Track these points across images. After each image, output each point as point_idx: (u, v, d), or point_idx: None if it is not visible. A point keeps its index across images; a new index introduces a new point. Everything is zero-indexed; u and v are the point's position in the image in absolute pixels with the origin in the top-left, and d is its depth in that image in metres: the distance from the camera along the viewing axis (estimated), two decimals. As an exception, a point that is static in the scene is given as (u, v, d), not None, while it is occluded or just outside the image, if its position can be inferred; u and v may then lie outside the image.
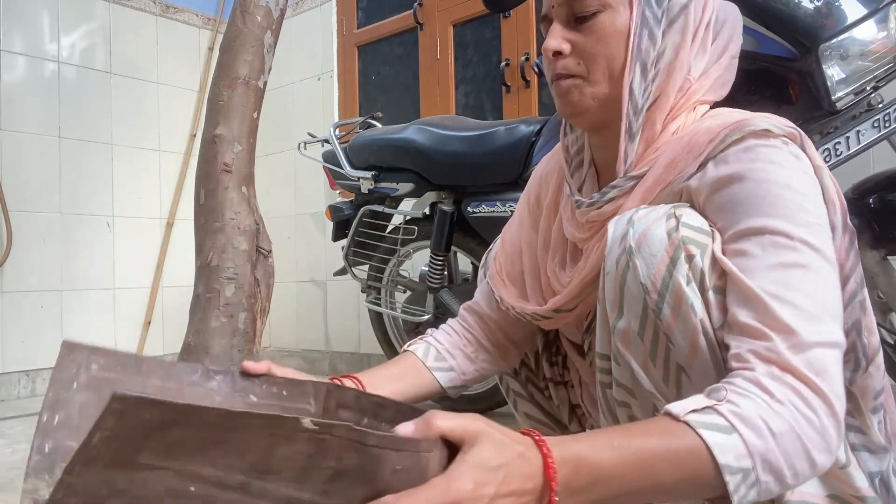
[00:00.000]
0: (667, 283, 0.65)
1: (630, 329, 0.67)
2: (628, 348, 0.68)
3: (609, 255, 0.69)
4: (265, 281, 1.09)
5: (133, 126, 3.15)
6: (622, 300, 0.68)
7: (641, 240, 0.66)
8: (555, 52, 0.77)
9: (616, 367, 0.71)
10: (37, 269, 2.81)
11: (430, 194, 2.05)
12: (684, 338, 0.65)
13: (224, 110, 1.10)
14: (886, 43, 1.27)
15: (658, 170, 0.74)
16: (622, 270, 0.67)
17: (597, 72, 0.77)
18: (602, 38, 0.76)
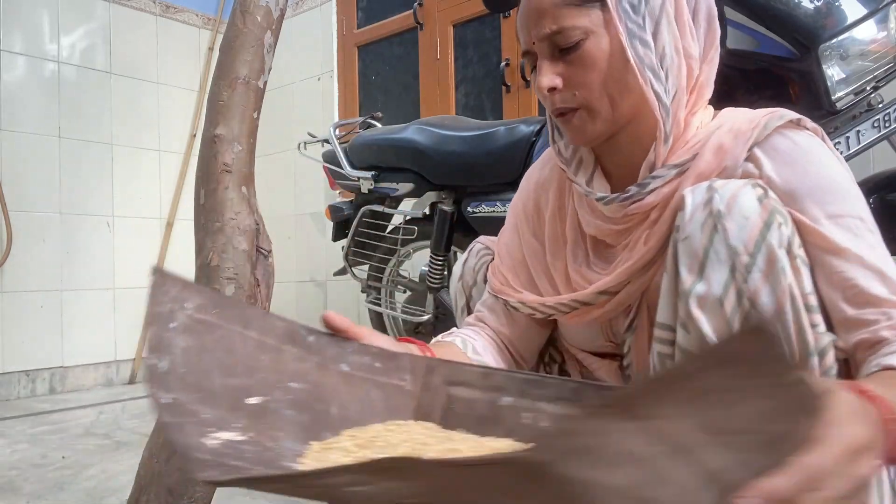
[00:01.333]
0: (759, 246, 0.66)
1: (710, 293, 0.67)
2: (704, 312, 0.68)
3: (690, 221, 0.69)
4: (265, 281, 1.09)
5: (133, 126, 3.15)
6: (705, 264, 0.68)
7: (732, 203, 0.67)
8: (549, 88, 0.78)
9: (683, 334, 0.70)
10: (37, 269, 2.81)
11: (430, 194, 2.05)
12: (771, 301, 0.66)
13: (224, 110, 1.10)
14: (886, 43, 1.27)
15: (708, 155, 0.76)
16: (708, 234, 0.68)
17: (595, 98, 0.78)
18: (591, 64, 0.77)
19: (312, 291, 3.22)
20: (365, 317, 2.88)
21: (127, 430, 2.10)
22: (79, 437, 2.03)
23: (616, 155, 0.84)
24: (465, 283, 1.06)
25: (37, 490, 1.49)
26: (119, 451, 1.83)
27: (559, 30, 0.76)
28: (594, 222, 0.85)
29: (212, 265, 1.04)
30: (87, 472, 1.62)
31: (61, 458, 1.77)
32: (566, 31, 0.76)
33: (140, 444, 1.84)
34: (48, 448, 1.88)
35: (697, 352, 0.50)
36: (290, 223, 3.33)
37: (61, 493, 1.46)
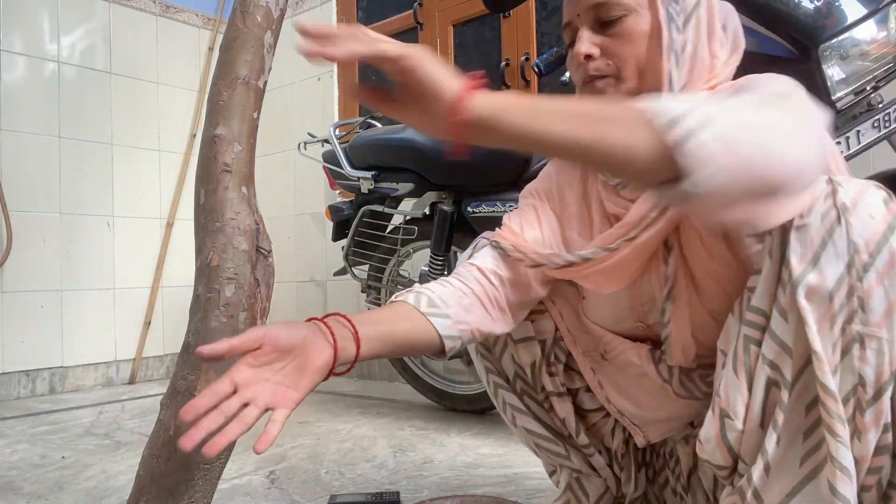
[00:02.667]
0: (881, 247, 0.65)
1: (822, 285, 0.66)
2: (811, 303, 0.66)
3: (810, 210, 0.67)
4: (265, 281, 1.09)
5: (133, 126, 3.15)
6: (821, 255, 0.66)
7: (858, 199, 0.66)
8: (586, 55, 0.83)
9: (780, 322, 0.69)
10: (37, 269, 2.81)
11: (430, 194, 2.05)
12: (882, 304, 0.64)
13: (224, 110, 1.10)
14: (886, 43, 1.27)
15: None
16: (829, 225, 0.66)
17: (627, 69, 0.83)
18: (630, 39, 0.82)
19: (312, 291, 3.22)
20: (365, 317, 2.88)
21: (127, 430, 2.10)
22: (79, 437, 2.03)
23: None
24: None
25: (37, 490, 1.49)
26: (119, 451, 1.83)
27: (604, 2, 0.82)
28: (619, 201, 0.88)
29: (212, 265, 1.04)
30: (87, 472, 1.62)
31: (61, 458, 1.77)
32: (611, 5, 0.82)
33: (140, 444, 1.84)
34: (48, 448, 1.88)
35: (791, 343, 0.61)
36: (290, 223, 3.33)
37: (61, 493, 1.46)
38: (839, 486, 0.65)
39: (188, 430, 0.65)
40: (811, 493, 0.67)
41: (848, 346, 0.66)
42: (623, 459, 1.05)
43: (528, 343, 1.02)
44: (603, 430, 1.05)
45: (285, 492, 1.42)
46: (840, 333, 0.66)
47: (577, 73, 0.86)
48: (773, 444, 0.69)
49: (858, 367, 0.65)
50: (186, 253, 3.22)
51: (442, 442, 1.80)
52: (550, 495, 1.27)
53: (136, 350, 3.13)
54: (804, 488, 0.68)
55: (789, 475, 0.69)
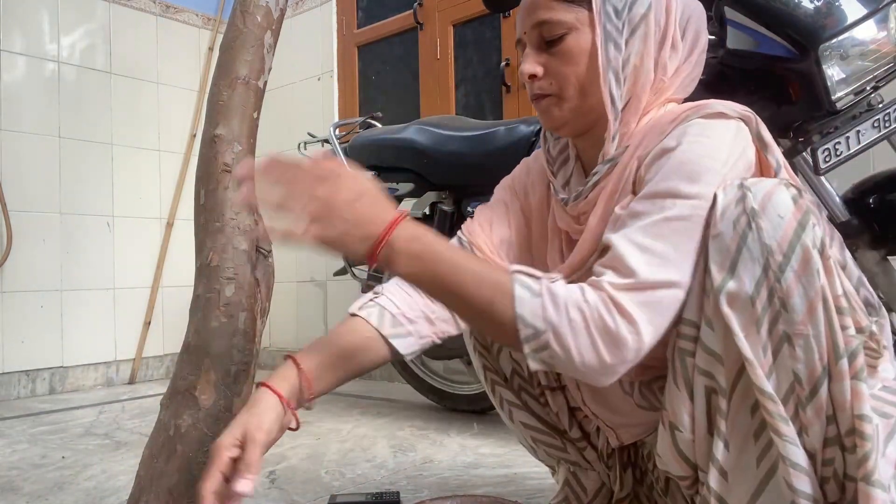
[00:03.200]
0: (794, 246, 0.66)
1: (742, 291, 0.67)
2: (734, 310, 0.68)
3: (722, 217, 0.69)
4: (265, 281, 1.09)
5: (133, 126, 3.15)
6: (737, 261, 0.68)
7: (766, 202, 0.67)
8: (530, 75, 0.85)
9: (708, 332, 0.70)
10: (37, 269, 2.81)
11: (430, 194, 2.05)
12: (803, 302, 0.66)
13: (224, 110, 1.10)
14: (886, 43, 1.27)
15: (631, 150, 0.82)
16: (741, 231, 0.67)
17: (568, 89, 0.84)
18: (570, 58, 0.83)
19: (312, 291, 3.22)
20: (365, 317, 2.88)
21: (127, 430, 2.10)
22: (79, 437, 2.03)
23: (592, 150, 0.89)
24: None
25: (37, 490, 1.49)
26: (119, 451, 1.83)
27: (546, 21, 0.83)
28: (564, 217, 0.91)
29: (212, 265, 1.04)
30: (87, 472, 1.62)
31: (61, 458, 1.77)
32: (552, 24, 0.83)
33: (140, 444, 1.84)
34: (48, 448, 1.88)
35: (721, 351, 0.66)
36: (290, 223, 3.32)
37: (61, 493, 1.46)
38: (795, 482, 0.66)
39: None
40: (772, 492, 0.69)
41: (777, 346, 0.67)
42: (610, 459, 1.05)
43: None
44: (589, 428, 1.06)
45: (285, 492, 1.42)
46: (768, 336, 0.67)
47: (528, 90, 0.88)
48: (721, 449, 0.71)
49: (791, 366, 0.67)
50: (186, 253, 3.22)
51: (442, 442, 1.80)
52: (550, 495, 1.27)
53: (136, 350, 3.13)
54: (766, 487, 0.69)
55: (749, 478, 0.70)
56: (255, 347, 1.06)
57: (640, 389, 0.91)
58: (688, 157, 0.73)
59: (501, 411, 1.09)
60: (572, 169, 0.91)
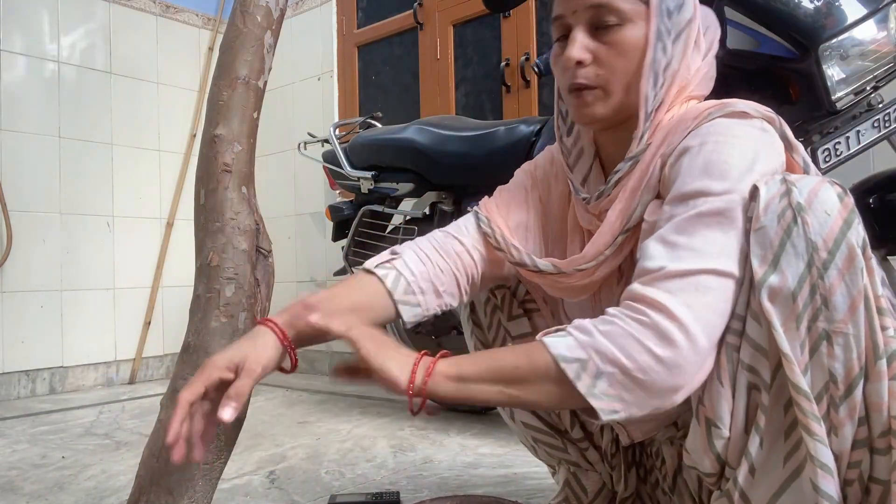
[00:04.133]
0: (839, 243, 0.65)
1: (784, 286, 0.66)
2: (775, 305, 0.66)
3: (766, 211, 0.68)
4: (265, 281, 1.09)
5: (133, 126, 3.15)
6: (780, 256, 0.66)
7: (812, 198, 0.66)
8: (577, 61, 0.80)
9: (754, 326, 0.69)
10: (37, 269, 2.81)
11: (430, 194, 2.04)
12: (845, 301, 0.65)
13: (224, 110, 1.10)
14: (886, 43, 1.27)
15: (654, 147, 0.80)
16: (786, 225, 0.66)
17: (615, 83, 0.80)
18: (623, 51, 0.79)
19: (312, 291, 3.22)
20: (365, 317, 2.88)
21: (127, 430, 2.10)
22: (79, 437, 2.03)
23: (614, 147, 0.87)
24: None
25: (37, 490, 1.49)
26: (119, 451, 1.83)
27: (605, 5, 0.79)
28: (585, 216, 0.90)
29: (212, 265, 1.04)
30: (87, 472, 1.62)
31: (61, 458, 1.77)
32: (612, 10, 0.79)
33: (140, 444, 1.84)
34: (48, 448, 1.88)
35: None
36: (290, 223, 3.33)
37: (61, 493, 1.46)
38: (821, 483, 0.65)
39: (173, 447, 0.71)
40: (796, 491, 0.68)
41: (816, 344, 0.66)
42: (613, 458, 1.05)
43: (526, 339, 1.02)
44: (592, 428, 1.06)
45: (285, 492, 1.42)
46: (806, 332, 0.66)
47: (564, 76, 0.83)
48: (756, 446, 0.70)
49: (828, 364, 0.66)
50: (186, 253, 3.22)
51: (442, 442, 1.80)
52: (550, 495, 1.27)
53: (136, 350, 3.13)
54: (789, 487, 0.69)
55: (774, 475, 0.69)
56: (255, 347, 1.06)
57: None
58: (714, 156, 0.72)
59: (502, 411, 1.08)
60: (590, 165, 0.90)
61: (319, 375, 3.17)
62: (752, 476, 0.70)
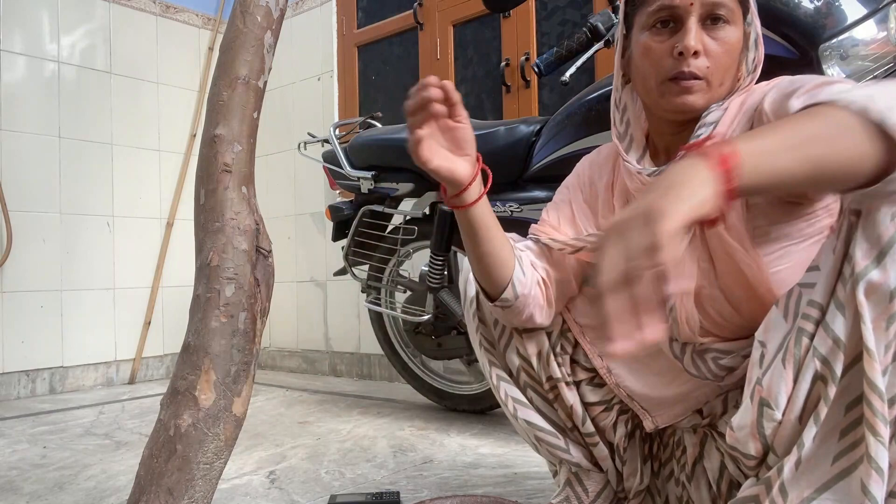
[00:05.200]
0: None
1: (884, 283, 0.64)
2: (869, 300, 0.65)
3: (879, 207, 0.66)
4: (265, 281, 1.09)
5: (133, 126, 3.15)
6: (887, 252, 0.64)
7: None
8: (695, 50, 0.83)
9: (836, 316, 0.68)
10: (37, 269, 2.81)
11: (430, 194, 2.05)
12: None
13: (224, 110, 1.10)
14: (886, 43, 1.27)
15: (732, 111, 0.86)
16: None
17: (716, 78, 0.85)
18: (729, 47, 0.84)
19: (312, 291, 3.22)
20: (365, 317, 2.88)
21: (127, 430, 2.10)
22: (79, 437, 2.03)
23: (672, 137, 0.92)
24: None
25: (37, 490, 1.49)
26: (119, 451, 1.83)
27: (722, 3, 0.83)
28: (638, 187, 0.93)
29: (212, 265, 1.04)
30: (87, 472, 1.62)
31: (61, 458, 1.77)
32: (727, 7, 0.83)
33: (140, 444, 1.84)
34: (48, 448, 1.88)
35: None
36: (290, 223, 3.33)
37: (61, 493, 1.46)
38: (872, 486, 0.64)
39: None
40: (841, 490, 0.67)
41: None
42: (626, 453, 1.05)
43: (535, 333, 1.04)
44: (603, 424, 1.05)
45: (285, 492, 1.42)
46: (895, 335, 0.65)
47: (664, 64, 0.85)
48: (810, 437, 0.69)
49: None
50: (186, 253, 3.22)
51: (442, 442, 1.80)
52: (550, 495, 1.27)
53: (136, 350, 3.13)
54: (834, 486, 0.68)
55: (819, 472, 0.68)
56: (255, 347, 1.06)
57: (693, 356, 0.90)
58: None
59: (506, 408, 1.08)
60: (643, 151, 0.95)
61: (319, 375, 3.17)
62: (797, 468, 0.69)
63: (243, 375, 1.03)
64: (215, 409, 1.00)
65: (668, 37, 0.85)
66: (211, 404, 1.00)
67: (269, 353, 3.42)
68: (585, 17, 2.09)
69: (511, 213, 1.76)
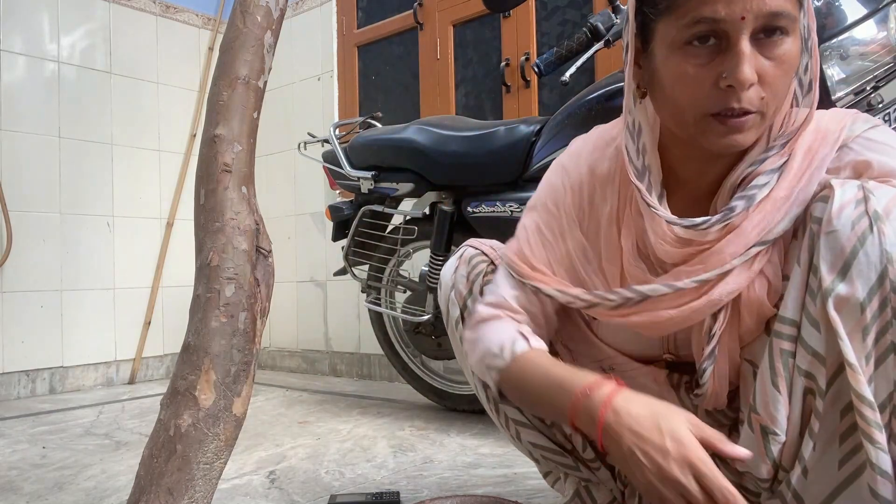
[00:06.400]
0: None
1: (853, 296, 0.63)
2: (841, 314, 0.64)
3: (839, 215, 0.64)
4: (265, 281, 1.09)
5: (133, 126, 3.15)
6: (851, 264, 0.63)
7: (892, 207, 0.63)
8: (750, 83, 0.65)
9: (811, 332, 0.67)
10: (37, 269, 2.81)
11: (430, 194, 2.05)
12: None
13: (224, 110, 1.10)
14: (886, 43, 1.27)
15: (798, 160, 0.72)
16: (860, 233, 0.63)
17: (773, 106, 0.69)
18: (789, 69, 0.68)
19: (312, 291, 3.22)
20: (365, 317, 2.88)
21: (127, 430, 2.10)
22: (79, 437, 2.03)
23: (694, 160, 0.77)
24: (458, 293, 0.95)
25: (37, 490, 1.49)
26: (119, 451, 1.83)
27: (780, 13, 0.64)
28: (663, 248, 0.77)
29: (212, 265, 1.04)
30: (87, 472, 1.62)
31: (61, 458, 1.77)
32: (786, 19, 0.65)
33: (140, 444, 1.84)
34: (48, 448, 1.88)
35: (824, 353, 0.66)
36: (290, 223, 3.33)
37: (61, 493, 1.46)
38: (881, 489, 0.64)
39: None
40: (852, 495, 0.67)
41: (883, 356, 0.64)
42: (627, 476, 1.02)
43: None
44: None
45: (285, 492, 1.42)
46: (874, 344, 0.64)
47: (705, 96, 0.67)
48: (809, 449, 0.69)
49: (894, 377, 0.64)
50: (186, 253, 3.22)
51: (442, 442, 1.80)
52: (550, 495, 1.27)
53: (136, 350, 3.13)
54: (845, 490, 0.68)
55: (828, 478, 0.69)
56: (255, 347, 1.06)
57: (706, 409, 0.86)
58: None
59: (507, 430, 1.00)
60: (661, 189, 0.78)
61: (319, 375, 3.17)
62: (805, 477, 0.70)
63: (243, 375, 1.03)
64: (215, 409, 1.00)
65: (710, 58, 0.66)
66: (211, 404, 1.00)
67: (269, 353, 3.42)
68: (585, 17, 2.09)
69: (511, 213, 1.76)
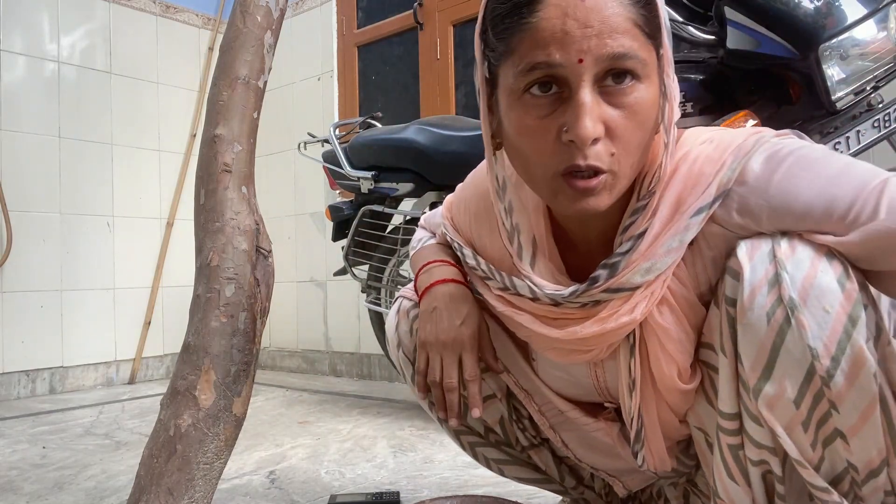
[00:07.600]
0: (843, 347, 0.55)
1: (783, 395, 0.57)
2: (774, 413, 0.58)
3: (752, 303, 0.57)
4: (265, 281, 1.09)
5: (133, 126, 3.15)
6: (774, 362, 0.57)
7: (808, 290, 0.56)
8: (594, 139, 0.57)
9: (753, 427, 0.62)
10: (37, 269, 2.81)
11: (430, 194, 2.05)
12: (856, 408, 0.55)
13: (224, 110, 1.10)
14: (886, 43, 1.27)
15: (663, 215, 0.64)
16: (777, 327, 0.56)
17: (627, 163, 0.60)
18: (643, 119, 0.59)
19: (312, 291, 3.22)
20: (365, 317, 2.88)
21: (127, 430, 2.10)
22: (79, 437, 2.03)
23: (569, 222, 0.71)
24: (406, 350, 0.90)
25: (37, 490, 1.49)
26: (119, 451, 1.83)
27: (628, 55, 0.56)
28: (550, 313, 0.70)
29: (212, 265, 1.04)
30: (87, 472, 1.62)
31: (61, 458, 1.77)
32: (635, 61, 0.57)
33: (140, 444, 1.84)
34: (48, 448, 1.88)
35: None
36: (290, 223, 3.33)
37: (61, 493, 1.46)
38: None
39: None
40: None
41: (829, 439, 0.58)
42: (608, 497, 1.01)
43: (491, 401, 0.93)
44: (583, 474, 1.01)
45: (285, 492, 1.42)
46: (816, 432, 0.59)
47: (549, 152, 0.59)
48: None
49: (845, 456, 0.58)
50: (186, 253, 3.22)
51: (442, 442, 1.80)
52: (550, 495, 1.27)
53: (136, 350, 3.13)
54: None
55: None
56: (255, 347, 1.06)
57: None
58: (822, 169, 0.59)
59: (491, 469, 0.98)
60: (539, 253, 0.70)
61: (319, 375, 3.17)
62: None
63: (243, 375, 1.04)
64: (215, 409, 1.00)
65: (551, 108, 0.58)
66: (211, 404, 1.00)
67: (269, 353, 3.42)
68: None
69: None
